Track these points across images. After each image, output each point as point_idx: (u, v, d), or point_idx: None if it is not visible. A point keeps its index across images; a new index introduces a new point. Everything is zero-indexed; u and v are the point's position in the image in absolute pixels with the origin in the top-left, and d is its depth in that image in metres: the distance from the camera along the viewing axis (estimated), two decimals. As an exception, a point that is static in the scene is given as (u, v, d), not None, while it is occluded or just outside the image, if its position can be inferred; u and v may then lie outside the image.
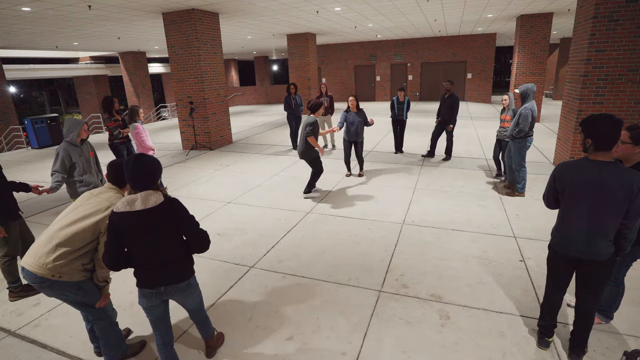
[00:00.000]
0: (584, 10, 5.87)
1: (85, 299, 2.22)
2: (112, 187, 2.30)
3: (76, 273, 2.14)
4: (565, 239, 2.23)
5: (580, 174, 2.11)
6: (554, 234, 2.34)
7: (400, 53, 19.02)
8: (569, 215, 2.20)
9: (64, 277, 2.09)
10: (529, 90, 4.82)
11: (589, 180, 2.07)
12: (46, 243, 2.10)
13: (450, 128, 7.14)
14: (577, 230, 2.16)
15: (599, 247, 2.13)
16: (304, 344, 2.61)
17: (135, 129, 5.13)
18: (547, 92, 20.83)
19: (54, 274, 2.07)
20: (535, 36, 11.27)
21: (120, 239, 1.95)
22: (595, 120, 2.07)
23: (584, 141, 2.12)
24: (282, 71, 41.04)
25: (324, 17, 10.54)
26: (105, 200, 2.19)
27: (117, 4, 7.43)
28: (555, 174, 2.23)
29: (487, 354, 2.47)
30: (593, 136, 2.06)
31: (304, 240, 4.20)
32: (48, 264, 2.06)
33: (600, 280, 2.22)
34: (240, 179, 6.61)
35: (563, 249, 2.26)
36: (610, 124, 2.01)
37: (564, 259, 2.28)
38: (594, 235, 2.12)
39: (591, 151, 2.10)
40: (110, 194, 2.25)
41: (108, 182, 2.33)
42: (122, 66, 18.47)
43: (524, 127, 4.84)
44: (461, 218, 4.64)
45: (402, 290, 3.21)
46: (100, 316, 2.32)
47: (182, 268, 2.10)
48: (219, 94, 9.54)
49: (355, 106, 6.11)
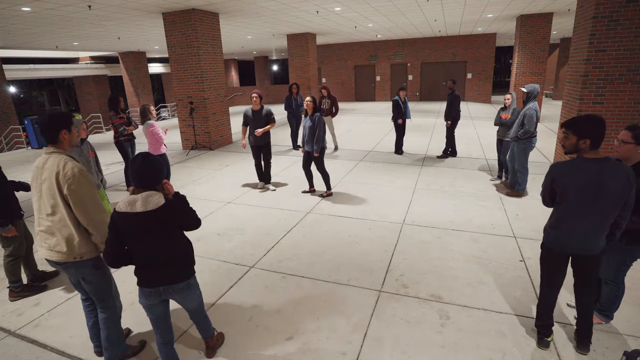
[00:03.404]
0: (584, 10, 5.86)
1: (101, 280, 2.32)
2: (53, 151, 2.17)
3: (89, 249, 2.24)
4: (564, 236, 2.25)
5: (580, 173, 2.13)
6: (548, 232, 2.36)
7: (400, 53, 19.02)
8: (570, 213, 2.21)
9: (85, 256, 2.22)
10: (536, 90, 4.84)
11: (590, 178, 2.10)
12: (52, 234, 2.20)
13: (448, 124, 7.26)
14: (579, 227, 2.19)
15: (598, 242, 2.20)
16: (304, 344, 2.61)
17: (151, 126, 5.21)
18: (547, 92, 20.82)
19: (75, 256, 2.19)
20: (535, 36, 11.26)
21: (121, 237, 1.97)
22: (590, 121, 2.12)
23: (578, 142, 2.14)
24: (282, 71, 41.03)
25: (324, 17, 10.54)
26: (53, 167, 2.12)
27: (117, 4, 7.43)
28: (553, 175, 2.24)
29: (487, 354, 2.47)
30: (591, 136, 2.10)
31: (304, 240, 4.20)
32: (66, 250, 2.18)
33: (595, 272, 2.33)
34: (240, 179, 6.61)
35: (561, 246, 2.28)
36: (603, 124, 2.11)
37: (560, 257, 2.32)
38: (594, 231, 2.18)
39: (587, 151, 2.14)
40: (52, 160, 2.14)
41: (47, 148, 2.19)
42: (122, 66, 18.47)
43: (530, 128, 4.83)
44: (461, 218, 4.63)
45: (402, 290, 3.21)
46: (109, 304, 2.36)
47: (182, 269, 2.10)
48: (219, 94, 9.54)
49: (312, 108, 5.12)
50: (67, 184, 2.10)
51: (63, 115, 2.22)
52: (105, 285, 2.36)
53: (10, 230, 3.11)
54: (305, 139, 5.26)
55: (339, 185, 6.10)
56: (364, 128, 11.46)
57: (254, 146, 5.66)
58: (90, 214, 2.17)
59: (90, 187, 2.18)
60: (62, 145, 2.21)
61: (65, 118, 2.21)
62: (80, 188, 2.13)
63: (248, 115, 5.53)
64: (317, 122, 5.06)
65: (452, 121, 7.23)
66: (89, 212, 2.17)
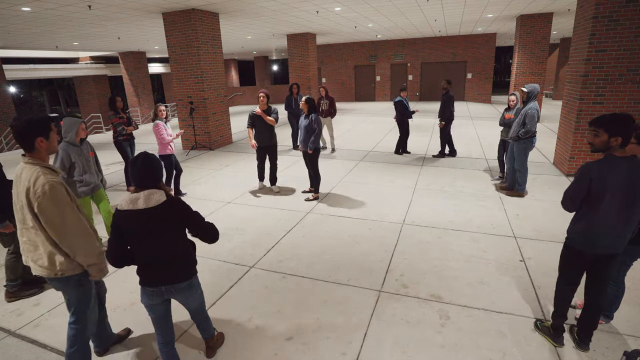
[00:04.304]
0: (584, 10, 5.86)
1: (80, 299, 2.20)
2: (28, 161, 2.01)
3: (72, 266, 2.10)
4: (597, 237, 2.24)
5: (617, 172, 2.13)
6: (577, 233, 2.31)
7: (400, 53, 19.01)
8: (606, 212, 2.18)
9: (66, 273, 2.08)
10: (536, 90, 4.85)
11: (625, 176, 2.12)
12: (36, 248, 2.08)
13: (441, 125, 7.28)
14: (614, 226, 2.19)
15: (625, 239, 2.24)
16: (304, 344, 2.61)
17: (155, 126, 5.27)
18: (547, 92, 20.82)
19: (56, 272, 2.07)
20: (535, 36, 11.26)
21: (123, 236, 1.98)
22: (623, 119, 2.12)
23: (609, 140, 2.13)
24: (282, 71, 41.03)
25: (324, 17, 10.54)
26: (24, 182, 1.97)
27: (117, 4, 7.43)
28: (592, 175, 2.16)
29: (487, 354, 2.47)
30: (623, 134, 2.11)
31: (304, 240, 4.20)
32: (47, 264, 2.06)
33: (612, 271, 2.37)
34: (240, 179, 6.61)
35: (593, 247, 2.27)
36: (633, 121, 2.13)
37: (588, 257, 2.31)
38: (624, 229, 2.21)
39: (617, 149, 2.15)
40: (25, 173, 1.99)
41: (24, 157, 2.03)
42: (122, 66, 18.47)
43: (532, 127, 4.83)
44: (461, 218, 4.63)
45: (402, 290, 3.21)
46: (81, 321, 2.22)
47: (183, 268, 2.11)
48: (219, 94, 9.54)
49: (307, 108, 5.09)
50: (36, 202, 1.92)
51: (40, 120, 2.01)
52: (84, 304, 2.22)
53: (8, 226, 3.10)
54: (301, 138, 5.21)
55: (339, 185, 6.10)
56: (364, 128, 11.46)
57: (259, 147, 5.58)
58: (62, 235, 2.00)
59: (63, 206, 1.97)
60: (39, 153, 2.01)
61: (42, 123, 2.00)
62: (50, 207, 1.93)
63: (254, 115, 5.45)
64: (315, 120, 5.04)
65: (446, 121, 7.24)
66: (60, 233, 1.99)
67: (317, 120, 5.07)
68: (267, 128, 5.44)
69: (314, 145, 5.11)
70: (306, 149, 5.16)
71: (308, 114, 5.11)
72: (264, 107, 5.36)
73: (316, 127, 5.05)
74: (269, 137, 5.52)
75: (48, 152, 2.07)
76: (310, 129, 5.07)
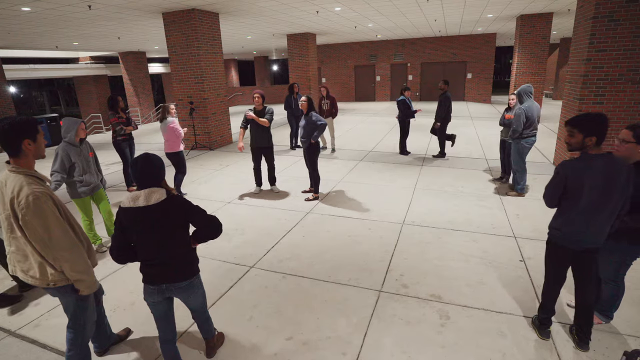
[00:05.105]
0: (584, 10, 5.86)
1: (76, 304, 2.16)
2: (12, 169, 1.92)
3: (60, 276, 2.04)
4: (577, 232, 2.28)
5: (592, 169, 2.18)
6: (557, 230, 2.36)
7: (400, 53, 19.01)
8: (584, 208, 2.23)
9: (58, 283, 2.04)
10: (522, 91, 4.87)
11: (600, 172, 2.16)
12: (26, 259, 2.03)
13: (437, 126, 7.27)
14: (593, 222, 2.23)
15: (603, 234, 2.27)
16: (304, 344, 2.61)
17: (172, 123, 5.28)
18: (547, 92, 20.82)
19: (48, 283, 2.03)
20: (535, 36, 11.26)
21: (125, 233, 2.01)
22: (596, 118, 2.19)
23: (584, 140, 2.20)
24: (282, 71, 41.04)
25: (324, 17, 10.54)
26: (8, 192, 1.90)
27: (117, 4, 7.43)
28: (568, 173, 2.24)
29: (487, 354, 2.47)
30: (597, 133, 2.17)
31: (304, 240, 4.20)
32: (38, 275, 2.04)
33: (596, 266, 2.39)
34: (240, 179, 6.61)
35: (574, 243, 2.31)
36: (607, 120, 2.18)
37: (570, 253, 2.35)
38: (606, 224, 2.24)
39: (592, 147, 2.21)
40: (10, 182, 1.89)
41: (8, 164, 1.94)
42: (122, 66, 18.45)
43: (517, 127, 4.83)
44: (461, 218, 4.63)
45: (402, 290, 3.21)
46: (77, 326, 2.19)
47: (185, 267, 2.11)
48: (219, 94, 9.54)
49: (306, 107, 5.11)
50: (20, 214, 1.84)
51: (25, 121, 1.91)
52: (81, 308, 2.17)
53: None
54: (302, 138, 5.18)
55: (339, 185, 6.10)
56: (364, 128, 11.46)
57: (255, 148, 5.51)
58: (47, 248, 1.92)
59: (47, 218, 1.87)
60: (26, 158, 1.92)
61: (28, 124, 1.90)
62: (34, 219, 1.84)
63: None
64: (316, 117, 5.02)
65: (442, 122, 7.24)
66: (45, 246, 1.91)
67: (317, 116, 5.05)
68: (262, 129, 5.41)
69: (316, 137, 5.05)
70: (308, 143, 5.12)
71: (307, 113, 5.10)
72: (259, 108, 5.34)
73: (318, 122, 5.01)
74: (266, 138, 5.46)
75: (35, 157, 1.96)
76: (311, 127, 5.06)
